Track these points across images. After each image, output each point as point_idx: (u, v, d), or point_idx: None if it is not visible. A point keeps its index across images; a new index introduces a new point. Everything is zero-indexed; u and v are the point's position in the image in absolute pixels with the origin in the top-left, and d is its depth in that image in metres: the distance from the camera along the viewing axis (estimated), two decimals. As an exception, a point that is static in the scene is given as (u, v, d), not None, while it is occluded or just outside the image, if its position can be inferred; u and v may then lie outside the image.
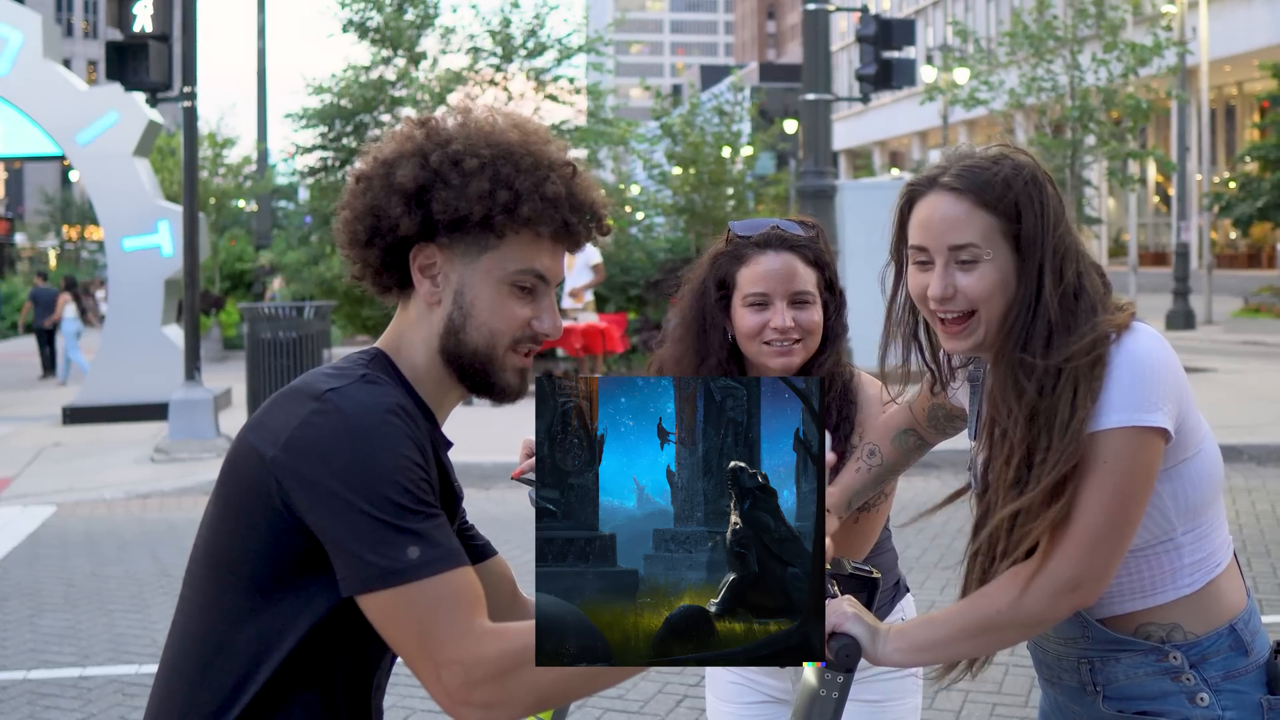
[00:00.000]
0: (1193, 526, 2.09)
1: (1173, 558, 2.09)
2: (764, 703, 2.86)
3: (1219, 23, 34.35)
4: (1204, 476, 2.10)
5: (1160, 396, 1.99)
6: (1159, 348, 2.03)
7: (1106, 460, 1.97)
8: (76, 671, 6.24)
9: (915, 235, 2.10)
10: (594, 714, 5.46)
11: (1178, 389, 2.03)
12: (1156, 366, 2.01)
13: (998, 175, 2.06)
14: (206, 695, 1.78)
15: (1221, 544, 2.14)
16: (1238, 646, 2.09)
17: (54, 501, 10.79)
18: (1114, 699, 2.13)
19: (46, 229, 70.88)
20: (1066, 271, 2.06)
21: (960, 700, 5.47)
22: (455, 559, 1.71)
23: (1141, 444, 1.98)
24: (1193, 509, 2.09)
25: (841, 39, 57.50)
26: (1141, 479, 1.99)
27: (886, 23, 15.20)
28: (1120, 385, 1.99)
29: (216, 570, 1.81)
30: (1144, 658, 2.10)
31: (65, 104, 15.99)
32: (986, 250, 2.04)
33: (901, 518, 2.86)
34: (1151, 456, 1.99)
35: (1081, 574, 1.98)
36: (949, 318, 2.08)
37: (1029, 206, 2.05)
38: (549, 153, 1.89)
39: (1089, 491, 1.98)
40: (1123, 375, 1.99)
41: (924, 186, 2.11)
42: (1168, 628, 2.09)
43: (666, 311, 2.61)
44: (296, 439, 1.73)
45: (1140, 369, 1.99)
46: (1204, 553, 2.10)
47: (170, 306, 16.32)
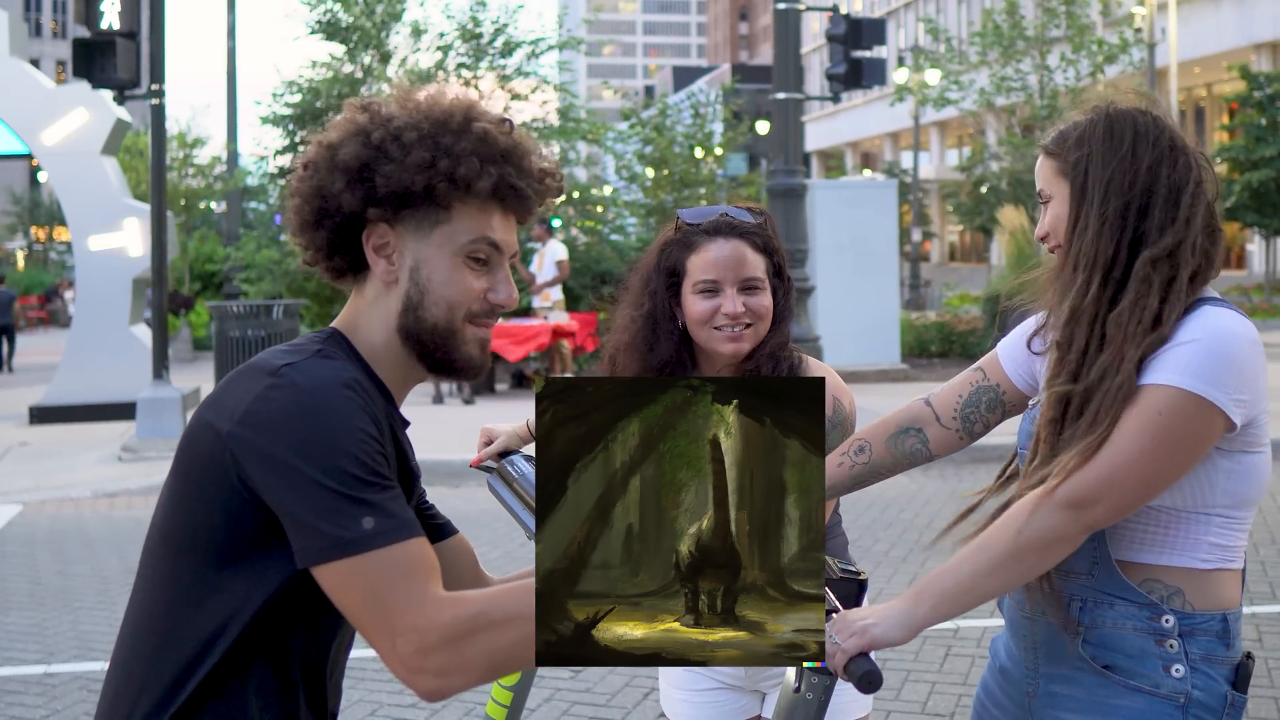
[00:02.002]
0: (1230, 514, 2.13)
1: (1202, 529, 2.12)
2: (715, 689, 2.86)
3: (1188, 25, 34.61)
4: (1258, 475, 2.15)
5: (1236, 383, 2.03)
6: (1248, 338, 2.08)
7: (1161, 412, 2.02)
8: (41, 668, 6.21)
9: None
10: (562, 707, 5.45)
11: (1256, 384, 2.07)
12: (1240, 354, 2.05)
13: (1066, 125, 2.28)
14: (163, 671, 1.78)
15: (1242, 548, 2.19)
16: (1224, 636, 2.13)
17: (20, 501, 10.71)
18: (1092, 644, 2.16)
19: (14, 230, 70.43)
20: (1107, 209, 2.17)
21: (927, 691, 5.49)
22: (409, 529, 1.71)
23: (1200, 413, 2.02)
24: (1237, 498, 2.13)
25: (814, 40, 57.70)
26: (1187, 444, 2.03)
27: (856, 22, 15.27)
28: (1198, 354, 2.03)
29: (173, 547, 1.81)
30: (1138, 610, 2.13)
31: (32, 102, 15.89)
32: (1045, 191, 2.26)
33: (887, 516, 2.86)
34: (1206, 429, 2.03)
35: (1098, 493, 2.02)
36: (1045, 250, 2.28)
37: (1077, 148, 2.23)
38: (483, 114, 1.90)
39: (1130, 431, 2.02)
40: (1203, 348, 2.03)
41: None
42: (1171, 590, 2.12)
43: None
44: (251, 413, 1.73)
45: (1223, 348, 2.04)
46: (1228, 542, 2.15)
47: (138, 305, 16.23)
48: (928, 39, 22.99)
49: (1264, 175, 28.96)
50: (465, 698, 5.51)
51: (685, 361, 2.71)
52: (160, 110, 13.60)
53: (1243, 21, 36.13)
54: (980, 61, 20.73)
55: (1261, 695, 5.33)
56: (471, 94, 2.00)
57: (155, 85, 13.47)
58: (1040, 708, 2.23)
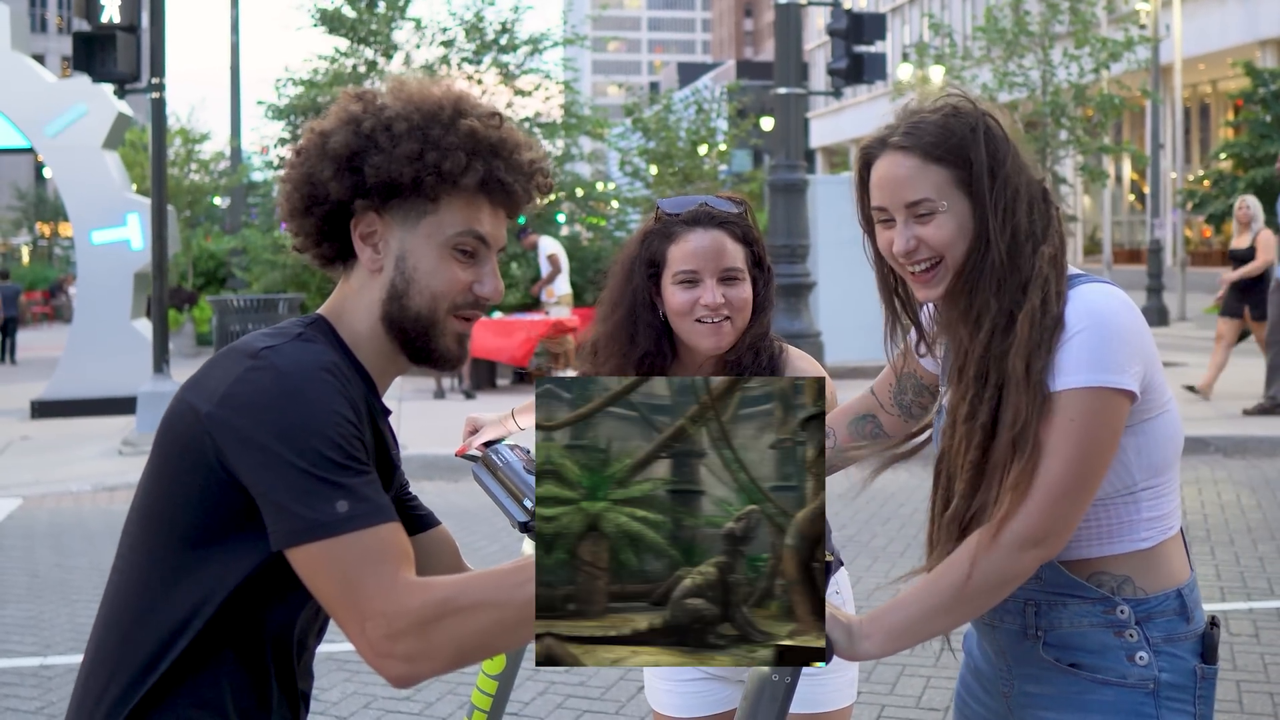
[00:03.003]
0: (1152, 484, 2.12)
1: (1131, 510, 2.11)
2: (700, 679, 2.86)
3: (1193, 21, 34.56)
4: (1167, 437, 2.13)
5: (1127, 358, 2.02)
6: (1124, 309, 2.06)
7: (1073, 418, 2.00)
8: (37, 660, 6.21)
9: (875, 196, 2.17)
10: (556, 699, 5.45)
11: (1144, 350, 2.06)
12: (1122, 327, 2.03)
13: (943, 127, 2.11)
14: (137, 651, 1.79)
15: (1175, 509, 2.17)
16: (1181, 612, 2.12)
17: (20, 494, 10.72)
18: (1054, 646, 2.15)
19: (19, 225, 70.50)
20: (1017, 211, 2.09)
21: (921, 685, 5.48)
22: (383, 514, 1.71)
23: (1107, 404, 2.01)
24: (1154, 466, 2.12)
25: (818, 37, 57.65)
26: (1106, 439, 2.02)
27: (858, 17, 15.25)
28: (1087, 345, 2.01)
29: (150, 527, 1.82)
30: (1091, 606, 2.11)
31: (33, 96, 15.89)
32: (941, 202, 2.09)
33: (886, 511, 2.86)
34: (1117, 417, 2.02)
35: (1045, 528, 1.99)
36: (918, 270, 2.14)
37: (975, 153, 2.09)
38: (474, 107, 1.91)
39: (1053, 448, 2.00)
40: (1090, 335, 2.01)
41: (876, 148, 2.17)
42: (1120, 579, 2.11)
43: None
44: (231, 395, 1.74)
45: (1108, 330, 2.02)
46: (1160, 511, 2.13)
47: (140, 300, 16.24)
48: (931, 35, 22.97)
49: (1268, 172, 28.90)
50: (460, 691, 5.51)
51: (666, 353, 2.70)
52: (161, 104, 13.61)
53: (1248, 18, 36.05)
54: (983, 57, 20.71)
55: (1257, 691, 5.32)
56: (466, 86, 2.00)
57: (156, 79, 13.47)
58: (1018, 707, 2.22)
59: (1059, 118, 18.99)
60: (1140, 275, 31.03)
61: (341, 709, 5.38)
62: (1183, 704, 2.10)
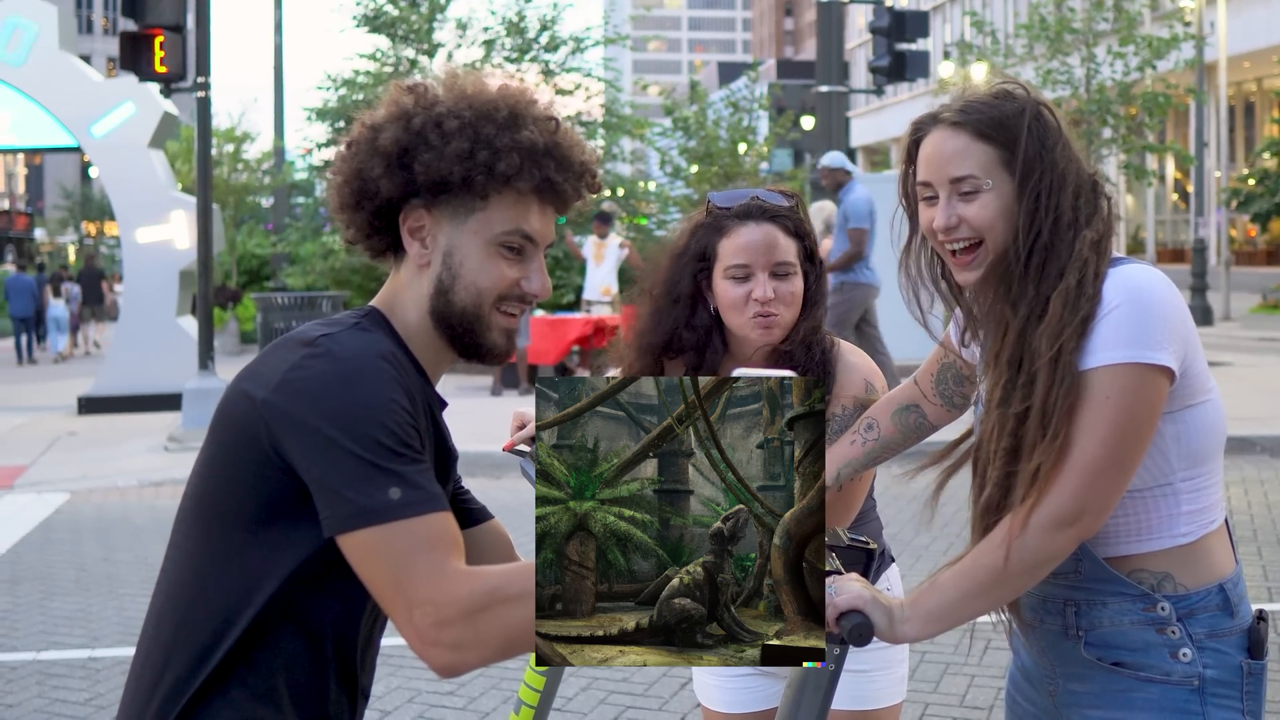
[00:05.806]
0: (1192, 475, 2.08)
1: (1170, 503, 2.07)
2: (749, 675, 2.85)
3: (1238, 19, 34.18)
4: (1209, 427, 2.09)
5: (1165, 336, 1.98)
6: (1164, 286, 2.03)
7: (1108, 395, 1.97)
8: (85, 653, 6.28)
9: (921, 171, 2.16)
10: (599, 695, 5.46)
11: (1184, 330, 2.02)
12: (1161, 305, 2.00)
13: (994, 108, 2.11)
14: (192, 638, 1.80)
15: (1217, 501, 2.13)
16: (1225, 607, 2.08)
17: (67, 489, 10.84)
18: (1095, 645, 2.12)
19: (66, 224, 71.18)
20: (1062, 198, 2.07)
21: (966, 684, 5.46)
22: (435, 503, 1.72)
23: (1144, 381, 1.97)
24: (1194, 457, 2.08)
25: (859, 35, 57.42)
26: (1143, 416, 1.98)
27: (900, 14, 15.19)
28: (1124, 320, 1.98)
29: (204, 513, 1.83)
30: (1132, 604, 2.08)
31: (80, 95, 16.06)
32: (986, 180, 2.08)
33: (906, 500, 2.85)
34: (1156, 395, 1.98)
35: (1080, 505, 1.96)
36: (958, 249, 2.13)
37: (1023, 135, 2.08)
38: (530, 109, 1.90)
39: (1087, 426, 1.97)
40: (1127, 310, 1.98)
41: (928, 124, 2.17)
42: (1160, 576, 2.08)
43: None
44: (287, 381, 1.75)
45: (1144, 306, 1.99)
46: (1200, 504, 2.09)
47: (185, 297, 16.37)
48: (973, 33, 22.85)
49: (1315, 170, 28.59)
50: (504, 686, 5.53)
51: (717, 346, 2.68)
52: (206, 103, 13.70)
53: (1295, 15, 35.65)
54: (1026, 55, 20.59)
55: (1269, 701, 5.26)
56: (520, 84, 2.00)
57: (201, 78, 13.58)
58: (1064, 705, 2.20)
59: (1103, 116, 18.83)
60: (1184, 275, 30.71)
61: (385, 703, 5.40)
62: (1230, 700, 2.07)
